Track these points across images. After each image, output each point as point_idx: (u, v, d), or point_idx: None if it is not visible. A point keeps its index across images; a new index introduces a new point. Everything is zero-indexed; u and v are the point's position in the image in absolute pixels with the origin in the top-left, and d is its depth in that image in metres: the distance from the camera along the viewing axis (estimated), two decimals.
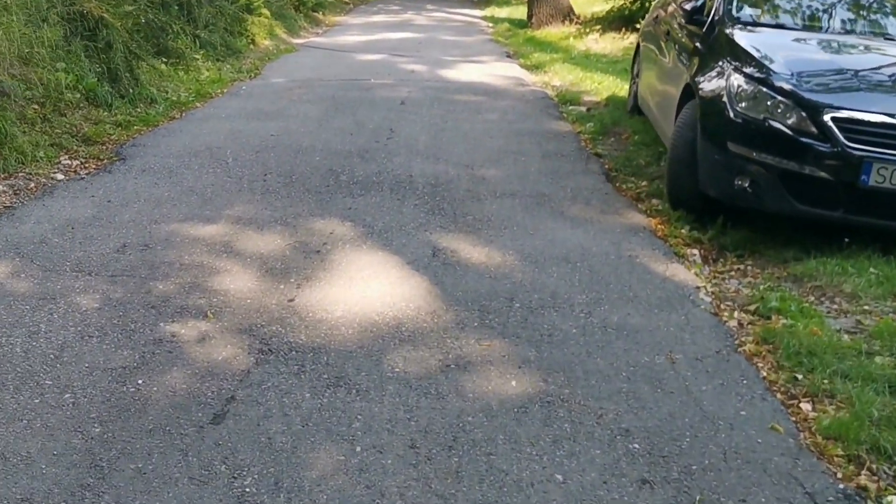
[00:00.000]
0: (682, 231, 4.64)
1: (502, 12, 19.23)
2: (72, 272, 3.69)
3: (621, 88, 9.26)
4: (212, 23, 10.54)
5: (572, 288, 3.74)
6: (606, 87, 9.42)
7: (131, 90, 7.20)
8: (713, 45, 5.06)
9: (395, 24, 16.31)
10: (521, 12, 18.26)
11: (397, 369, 2.97)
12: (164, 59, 8.73)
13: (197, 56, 9.48)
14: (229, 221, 4.44)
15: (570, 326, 3.36)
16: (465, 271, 3.88)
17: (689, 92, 4.97)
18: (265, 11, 13.20)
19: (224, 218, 4.49)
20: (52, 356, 2.95)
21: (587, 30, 14.37)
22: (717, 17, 5.28)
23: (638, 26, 13.08)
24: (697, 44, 5.22)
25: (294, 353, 3.06)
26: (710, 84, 4.71)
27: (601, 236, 4.44)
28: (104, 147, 5.91)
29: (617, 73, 10.69)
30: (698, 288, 3.84)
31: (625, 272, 3.97)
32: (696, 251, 4.37)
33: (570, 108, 8.06)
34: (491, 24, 16.95)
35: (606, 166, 5.97)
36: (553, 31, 14.63)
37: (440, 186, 5.22)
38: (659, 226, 4.73)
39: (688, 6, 5.51)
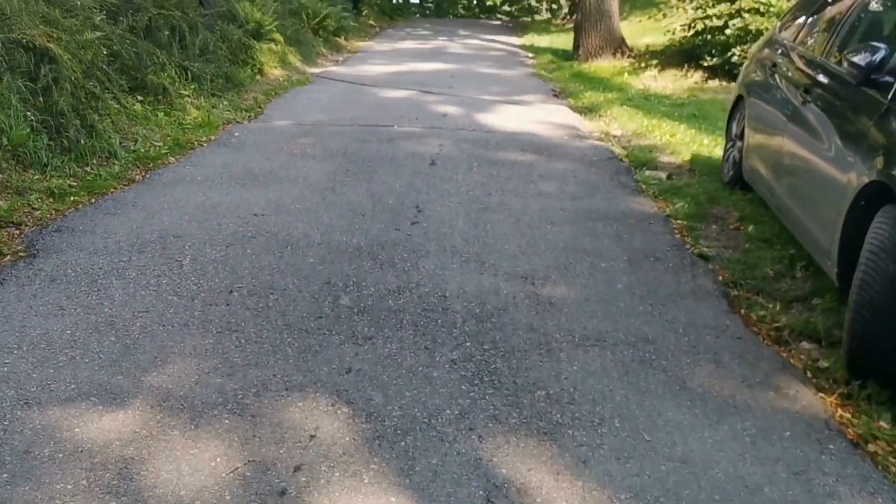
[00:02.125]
0: (884, 425, 2.85)
1: (542, 40, 17.55)
2: None
3: (701, 143, 7.51)
4: (210, 51, 8.92)
5: None
6: (682, 141, 7.65)
7: (81, 142, 5.54)
8: None
9: (425, 53, 14.66)
10: (563, 41, 16.59)
11: None
12: (141, 97, 7.09)
13: (185, 91, 7.83)
14: (147, 404, 2.70)
15: None
16: None
17: (879, 192, 3.21)
18: (277, 36, 11.59)
19: (142, 394, 2.76)
20: None
21: (642, 64, 12.63)
22: None
23: (705, 63, 11.35)
24: (884, 119, 3.45)
25: None
26: None
27: (764, 449, 2.65)
28: (15, 233, 4.22)
29: (687, 121, 8.95)
30: None
31: None
32: None
33: (646, 173, 6.29)
34: (532, 55, 15.25)
35: (720, 277, 4.19)
36: (603, 65, 12.91)
37: (488, 321, 3.46)
38: (839, 410, 2.95)
39: (860, 58, 3.72)
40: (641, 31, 15.36)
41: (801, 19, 5.48)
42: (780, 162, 4.60)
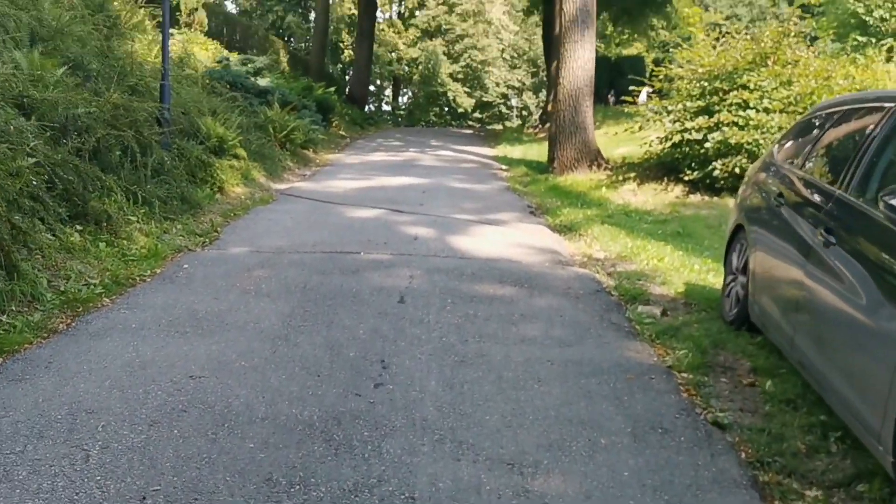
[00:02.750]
0: None
1: (515, 151, 17.32)
2: None
3: (692, 269, 6.98)
4: (164, 171, 8.34)
5: None
6: (672, 266, 7.11)
7: (0, 284, 4.84)
8: None
9: (396, 166, 14.27)
10: (536, 152, 16.37)
11: None
12: (81, 227, 6.43)
13: (133, 217, 7.20)
14: None
15: None
16: None
17: None
18: (241, 152, 11.12)
19: None
20: None
21: (620, 177, 12.30)
22: None
23: (685, 177, 10.99)
24: None
25: None
26: None
27: None
28: None
29: (673, 240, 8.48)
30: None
31: None
32: None
33: (639, 309, 5.67)
34: (505, 167, 14.92)
35: (743, 454, 3.50)
36: (580, 178, 12.56)
37: None
38: None
39: None
40: (615, 142, 15.15)
41: (805, 140, 5.01)
42: (800, 309, 4.00)
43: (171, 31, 16.53)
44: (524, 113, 52.26)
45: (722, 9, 47.70)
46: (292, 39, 43.79)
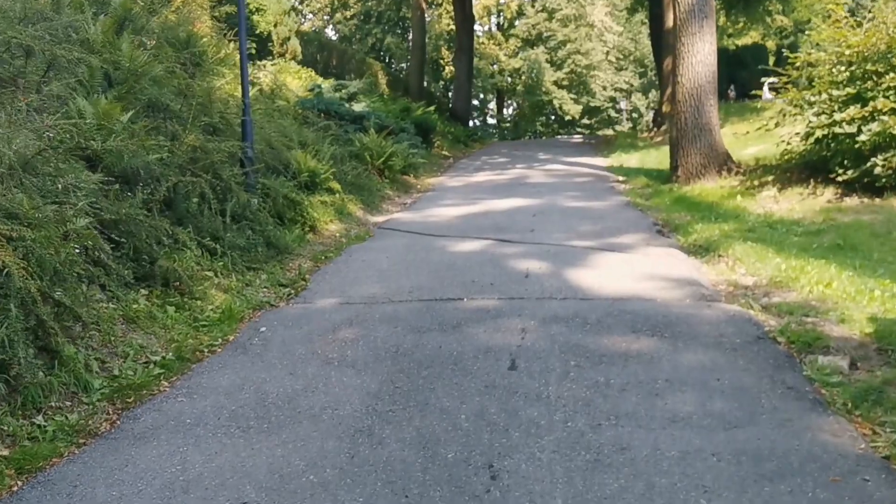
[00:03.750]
0: None
1: (631, 160, 15.97)
2: None
3: (872, 296, 5.59)
4: (247, 216, 7.61)
5: None
6: (845, 293, 5.75)
7: (38, 376, 4.08)
8: None
9: (502, 186, 13.23)
10: (655, 158, 14.99)
11: None
12: (147, 290, 5.70)
13: (209, 272, 6.46)
14: None
15: None
16: None
17: None
18: (334, 185, 10.35)
19: None
20: None
21: (755, 183, 10.82)
22: None
23: (837, 177, 9.44)
24: None
25: None
26: None
27: None
28: None
29: (833, 255, 7.10)
30: None
31: None
32: None
33: (818, 362, 4.40)
34: (622, 178, 13.63)
35: None
36: (708, 186, 11.15)
37: None
38: None
39: None
40: (744, 142, 13.63)
41: None
42: None
43: (263, 62, 16.18)
44: (634, 115, 50.35)
45: None
46: (393, 61, 43.68)
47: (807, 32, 31.56)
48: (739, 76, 22.98)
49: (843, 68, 9.76)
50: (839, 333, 4.89)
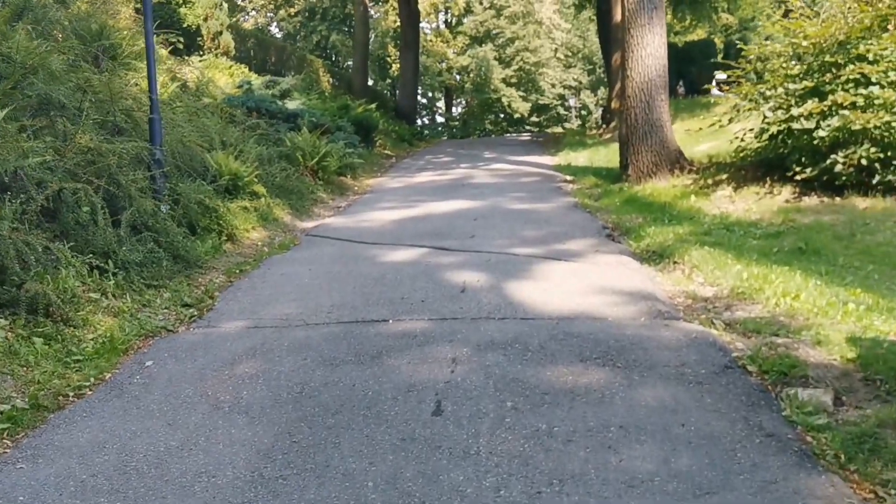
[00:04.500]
0: None
1: (580, 158, 15.35)
2: None
3: (845, 309, 4.99)
4: (152, 227, 6.72)
5: None
6: (815, 306, 5.14)
7: None
8: None
9: (444, 187, 12.47)
10: (604, 156, 14.39)
11: None
12: (11, 319, 4.80)
13: (96, 293, 5.57)
14: None
15: None
16: None
17: None
18: (259, 188, 9.48)
19: None
20: None
21: (709, 181, 10.24)
22: None
23: (796, 176, 8.87)
24: None
25: None
26: None
27: None
28: None
29: (797, 260, 6.62)
30: None
31: None
32: None
33: (798, 398, 3.72)
34: (570, 177, 12.96)
35: None
36: (661, 186, 10.55)
37: None
38: None
39: None
40: (696, 139, 13.09)
41: None
42: None
43: (192, 57, 15.18)
44: (583, 112, 50.05)
45: None
46: (339, 59, 42.66)
47: (758, 26, 31.42)
48: (688, 72, 22.58)
49: (798, 61, 9.23)
50: (817, 359, 4.23)
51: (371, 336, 4.93)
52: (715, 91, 18.44)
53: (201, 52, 16.03)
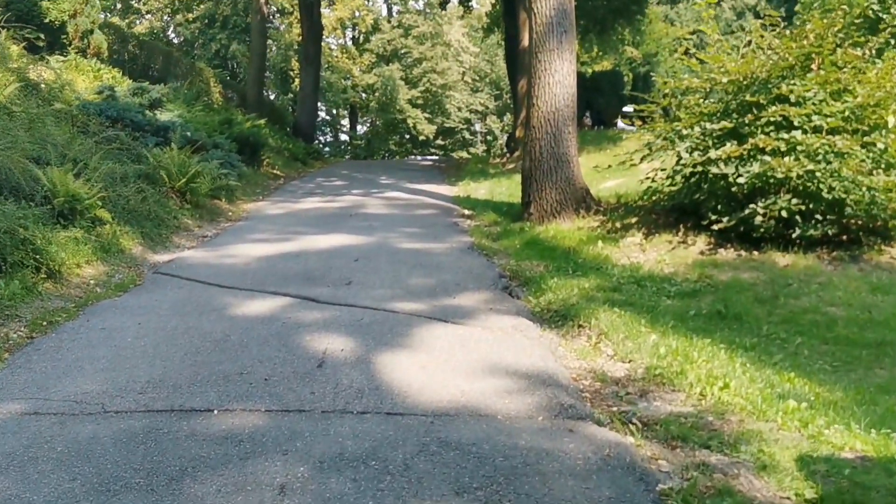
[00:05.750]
0: None
1: (481, 189, 14.36)
2: None
3: (785, 406, 4.09)
4: None
5: None
6: (746, 397, 4.25)
7: None
8: None
9: (330, 216, 11.21)
10: (506, 189, 13.45)
11: None
12: None
13: None
14: None
15: None
16: None
17: None
18: (103, 213, 8.02)
19: None
20: None
21: (617, 224, 9.35)
22: None
23: (711, 225, 8.04)
24: None
25: None
26: None
27: None
28: None
29: (717, 327, 5.84)
30: None
31: None
32: None
33: None
34: (468, 211, 11.89)
35: None
36: (565, 228, 9.60)
37: None
38: None
39: None
40: (601, 175, 12.26)
41: None
42: None
43: (55, 57, 13.47)
44: (489, 138, 49.66)
45: (688, 23, 45.53)
46: (239, 70, 40.81)
47: (660, 62, 31.46)
48: (596, 102, 22.07)
49: (715, 99, 8.48)
50: (765, 496, 3.20)
51: (181, 439, 3.65)
52: (620, 124, 17.92)
53: (66, 52, 14.31)
